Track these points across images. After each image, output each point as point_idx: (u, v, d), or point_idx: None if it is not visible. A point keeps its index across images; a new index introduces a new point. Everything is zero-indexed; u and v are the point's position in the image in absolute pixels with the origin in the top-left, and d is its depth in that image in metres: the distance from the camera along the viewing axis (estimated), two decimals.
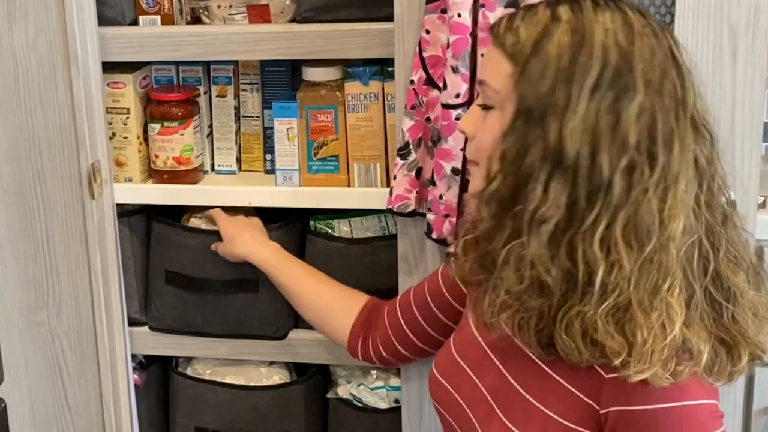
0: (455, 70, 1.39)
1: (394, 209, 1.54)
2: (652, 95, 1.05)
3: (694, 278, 1.07)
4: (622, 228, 1.04)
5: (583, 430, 1.11)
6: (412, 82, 1.48)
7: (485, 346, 1.24)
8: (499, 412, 1.17)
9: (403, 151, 1.51)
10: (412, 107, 1.49)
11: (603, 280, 1.04)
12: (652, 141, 1.04)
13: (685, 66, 1.09)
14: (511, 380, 1.17)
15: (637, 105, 1.04)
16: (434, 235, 1.50)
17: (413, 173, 1.51)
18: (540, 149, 1.05)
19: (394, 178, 1.53)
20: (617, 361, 1.04)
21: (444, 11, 1.41)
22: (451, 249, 1.45)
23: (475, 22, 1.38)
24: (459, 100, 1.40)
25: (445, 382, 1.29)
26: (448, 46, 1.40)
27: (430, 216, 1.49)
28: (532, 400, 1.14)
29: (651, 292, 1.04)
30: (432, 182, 1.48)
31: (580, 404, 1.11)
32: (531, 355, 1.14)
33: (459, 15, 1.37)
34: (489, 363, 1.22)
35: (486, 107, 1.14)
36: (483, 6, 1.37)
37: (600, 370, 1.08)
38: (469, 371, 1.25)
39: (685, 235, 1.05)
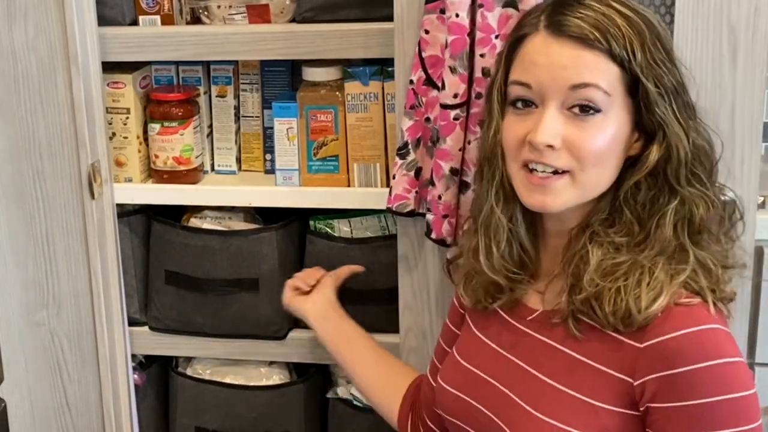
0: (453, 70, 1.39)
1: (393, 209, 1.54)
2: None
3: None
4: None
5: (613, 408, 1.12)
6: (411, 82, 1.48)
7: (500, 350, 1.25)
8: (530, 409, 1.17)
9: (402, 151, 1.51)
10: (412, 107, 1.49)
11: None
12: None
13: None
14: (539, 375, 1.18)
15: None
16: (433, 236, 1.50)
17: (412, 173, 1.51)
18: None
19: (393, 177, 1.53)
20: None
21: (443, 11, 1.41)
22: (450, 254, 1.46)
23: (473, 22, 1.38)
24: (457, 100, 1.40)
25: (462, 395, 1.27)
26: (446, 47, 1.39)
27: (429, 216, 1.49)
28: (561, 387, 1.15)
29: None
30: (431, 182, 1.48)
31: (613, 381, 1.12)
32: (555, 344, 1.17)
33: (457, 15, 1.37)
34: (510, 365, 1.22)
35: (586, 111, 1.12)
36: (481, 6, 1.37)
37: (634, 342, 1.10)
38: (488, 378, 1.24)
39: None
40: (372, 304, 1.74)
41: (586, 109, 1.12)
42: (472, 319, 1.34)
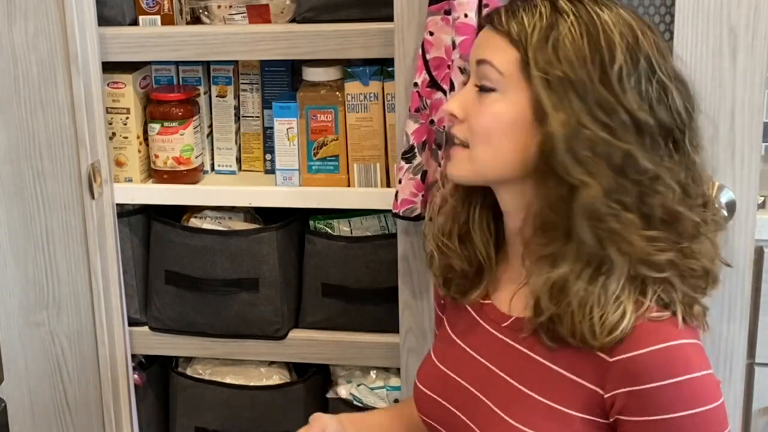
0: (463, 70, 1.38)
1: (401, 214, 1.53)
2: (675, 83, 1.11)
3: None
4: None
5: (584, 416, 1.12)
6: (415, 84, 1.47)
7: (474, 354, 1.25)
8: (504, 415, 1.17)
9: (408, 155, 1.50)
10: (417, 110, 1.48)
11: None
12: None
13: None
14: (513, 381, 1.18)
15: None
16: None
17: (418, 177, 1.50)
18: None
19: (399, 182, 1.52)
20: None
21: (447, 12, 1.41)
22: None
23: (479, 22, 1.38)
24: None
25: (436, 396, 1.28)
26: (453, 48, 1.39)
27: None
28: (534, 394, 1.15)
29: None
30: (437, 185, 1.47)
31: (584, 391, 1.12)
32: (529, 352, 1.17)
33: (466, 15, 1.37)
34: (483, 370, 1.22)
35: (484, 89, 1.14)
36: (486, 6, 1.37)
37: (604, 356, 1.10)
38: (463, 382, 1.25)
39: None
40: (372, 304, 1.75)
41: (485, 86, 1.14)
42: (447, 319, 1.34)
